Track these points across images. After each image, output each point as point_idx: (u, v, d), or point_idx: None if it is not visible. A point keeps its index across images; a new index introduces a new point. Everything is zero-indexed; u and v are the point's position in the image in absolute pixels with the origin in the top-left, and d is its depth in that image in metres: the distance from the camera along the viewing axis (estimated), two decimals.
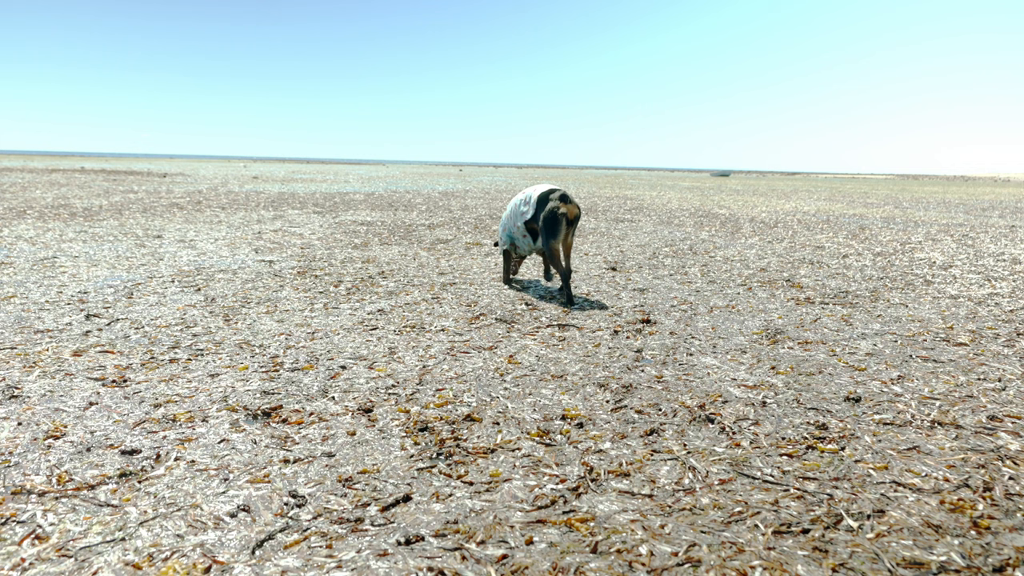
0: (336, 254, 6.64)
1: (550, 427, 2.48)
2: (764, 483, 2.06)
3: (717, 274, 6.01)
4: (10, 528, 1.74)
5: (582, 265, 6.33)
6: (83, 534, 1.72)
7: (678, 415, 2.63)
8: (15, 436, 2.30)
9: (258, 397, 2.71)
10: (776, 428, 2.51)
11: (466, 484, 2.04)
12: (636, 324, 4.09)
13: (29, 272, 5.23)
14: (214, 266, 5.75)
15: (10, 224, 8.40)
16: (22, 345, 3.33)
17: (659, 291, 5.17)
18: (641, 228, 10.10)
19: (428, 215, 11.41)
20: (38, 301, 4.27)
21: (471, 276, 5.58)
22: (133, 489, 1.96)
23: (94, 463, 2.12)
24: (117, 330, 3.65)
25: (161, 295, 4.56)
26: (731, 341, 3.75)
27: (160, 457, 2.16)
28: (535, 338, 3.72)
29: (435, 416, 2.56)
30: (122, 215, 9.96)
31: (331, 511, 1.86)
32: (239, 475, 2.06)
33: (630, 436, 2.42)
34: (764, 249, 7.90)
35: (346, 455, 2.22)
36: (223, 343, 3.46)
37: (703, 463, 2.20)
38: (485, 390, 2.86)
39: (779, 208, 15.83)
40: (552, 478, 2.08)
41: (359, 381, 2.94)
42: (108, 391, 2.74)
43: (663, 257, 7.03)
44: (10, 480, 2.00)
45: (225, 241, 7.40)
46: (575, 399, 2.78)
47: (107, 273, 5.29)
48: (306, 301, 4.49)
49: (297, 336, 3.63)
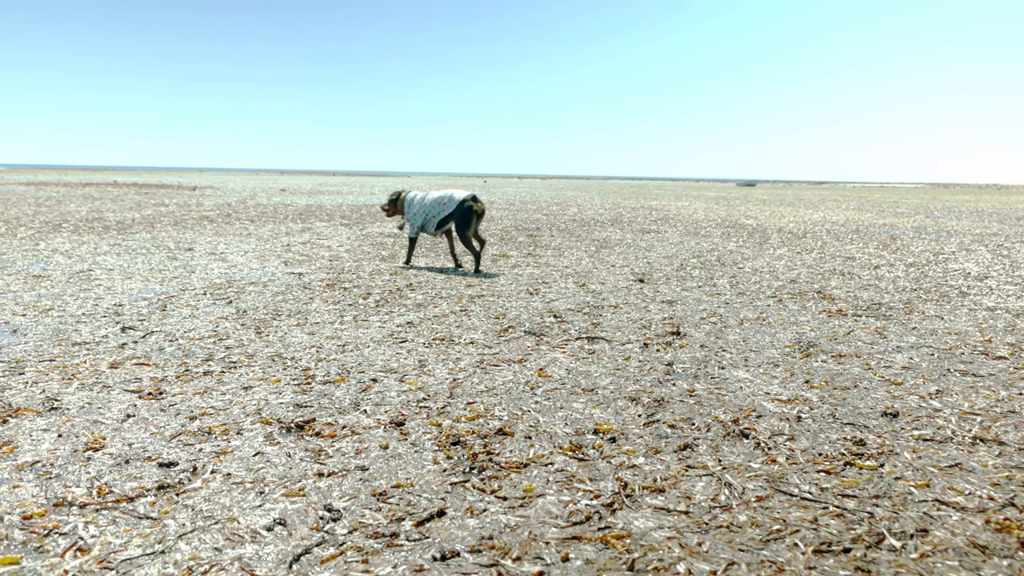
0: (364, 266, 6.69)
1: (582, 441, 2.47)
2: (802, 500, 2.03)
3: (746, 286, 5.96)
4: (53, 540, 1.77)
5: (609, 277, 6.31)
6: (124, 546, 1.74)
7: (711, 430, 2.60)
8: (56, 448, 2.34)
9: (291, 410, 2.73)
10: (812, 444, 2.47)
11: (500, 499, 2.03)
12: (666, 337, 4.06)
13: (66, 285, 5.33)
14: (245, 279, 5.82)
15: (47, 237, 8.58)
16: (60, 357, 3.39)
17: (688, 303, 5.13)
18: (667, 239, 10.05)
19: None
20: (75, 314, 4.35)
21: (498, 288, 5.59)
22: (171, 502, 1.98)
23: (133, 475, 2.14)
24: (152, 342, 3.70)
25: (194, 307, 4.62)
26: (763, 354, 3.71)
27: (197, 470, 2.19)
28: (564, 351, 3.71)
29: (467, 430, 2.56)
30: (154, 228, 10.14)
31: (366, 525, 1.86)
32: (274, 488, 2.07)
33: (664, 451, 2.39)
34: (793, 260, 7.82)
35: (379, 469, 2.22)
36: (255, 356, 3.49)
37: (739, 479, 2.17)
38: (516, 404, 2.86)
39: (807, 218, 15.67)
40: (586, 494, 2.07)
41: (390, 394, 2.95)
42: (145, 403, 2.77)
43: (691, 269, 6.99)
44: (52, 492, 2.03)
45: (255, 254, 7.50)
46: (607, 413, 2.77)
47: (141, 286, 5.38)
48: (336, 313, 4.53)
49: (328, 349, 3.65)
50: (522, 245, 8.87)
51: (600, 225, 12.52)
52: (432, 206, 6.48)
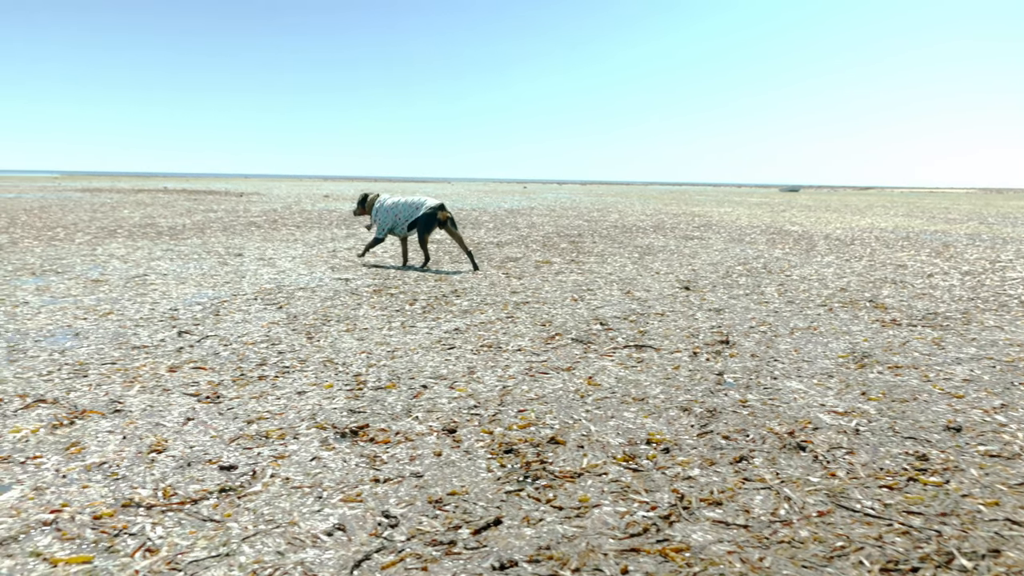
0: (409, 272, 6.75)
1: (636, 451, 2.45)
2: (865, 516, 1.99)
3: (795, 294, 5.86)
4: (123, 540, 1.82)
5: (654, 284, 6.27)
6: (190, 548, 1.78)
7: (767, 442, 2.56)
8: (121, 449, 2.41)
9: (345, 415, 2.76)
10: (873, 458, 2.41)
11: (555, 509, 2.03)
12: (715, 346, 4.02)
13: (123, 289, 5.49)
14: (293, 284, 5.92)
15: (103, 243, 8.85)
16: (121, 360, 3.49)
17: (736, 311, 5.07)
18: (711, 246, 9.94)
19: (496, 233, 11.49)
20: (133, 318, 4.48)
21: (543, 295, 5.59)
22: (233, 505, 2.02)
23: (195, 478, 2.20)
24: (207, 347, 3.79)
25: (246, 312, 4.72)
26: (816, 365, 3.64)
27: (256, 474, 2.23)
28: (612, 359, 3.69)
29: (519, 438, 2.56)
30: (204, 234, 10.38)
31: (424, 532, 1.88)
32: (332, 493, 2.10)
33: (719, 463, 2.36)
34: (842, 268, 7.66)
35: (434, 476, 2.24)
36: (307, 361, 3.55)
37: (798, 493, 2.13)
38: (567, 412, 2.85)
39: (854, 225, 15.34)
40: (642, 505, 2.05)
41: (441, 401, 2.97)
42: (203, 407, 2.84)
43: (737, 276, 6.90)
44: (119, 493, 2.09)
45: (302, 259, 7.62)
46: (659, 423, 2.74)
47: (194, 291, 5.51)
48: (383, 319, 4.58)
49: (378, 354, 3.70)
50: (565, 251, 8.86)
51: (642, 231, 12.44)
52: (403, 209, 7.05)
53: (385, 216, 7.14)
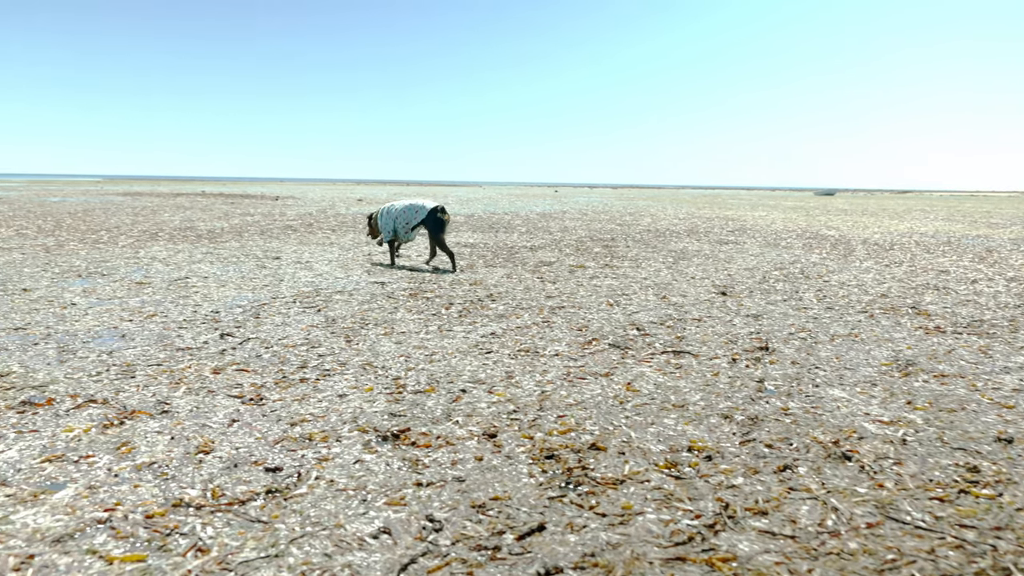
0: (444, 276, 6.79)
1: (678, 459, 2.44)
2: (916, 529, 1.95)
3: (834, 300, 5.77)
4: (174, 539, 1.86)
5: (690, 289, 6.22)
6: (239, 549, 1.81)
7: (811, 451, 2.52)
8: (170, 450, 2.46)
9: (386, 419, 2.79)
10: (921, 469, 2.37)
11: (599, 516, 2.02)
12: (754, 352, 3.97)
13: (166, 292, 5.61)
14: (330, 287, 5.99)
15: (145, 246, 9.05)
16: (167, 362, 3.56)
17: (774, 317, 5.00)
18: (747, 250, 9.83)
19: (529, 237, 11.50)
20: (176, 320, 4.57)
21: (578, 300, 5.58)
22: (280, 506, 2.05)
23: (242, 479, 2.23)
24: (249, 349, 3.85)
25: (285, 315, 4.78)
26: (859, 372, 3.58)
27: (301, 476, 2.26)
28: (650, 365, 3.67)
29: (559, 444, 2.56)
30: (242, 237, 10.55)
31: (468, 537, 1.89)
32: (376, 496, 2.12)
33: (763, 471, 2.34)
34: (882, 273, 7.52)
35: (476, 480, 2.25)
36: (347, 364, 3.59)
37: (845, 504, 2.10)
38: (606, 418, 2.85)
39: (893, 229, 15.06)
40: (686, 513, 2.04)
41: (480, 405, 2.98)
42: (247, 409, 2.89)
43: (774, 281, 6.81)
44: (169, 493, 2.13)
45: (338, 263, 7.71)
46: (700, 430, 2.72)
47: (234, 293, 5.60)
48: (420, 323, 4.61)
49: (416, 358, 3.72)
50: (598, 256, 8.84)
51: (676, 235, 12.35)
52: (399, 216, 7.46)
53: (388, 220, 7.53)
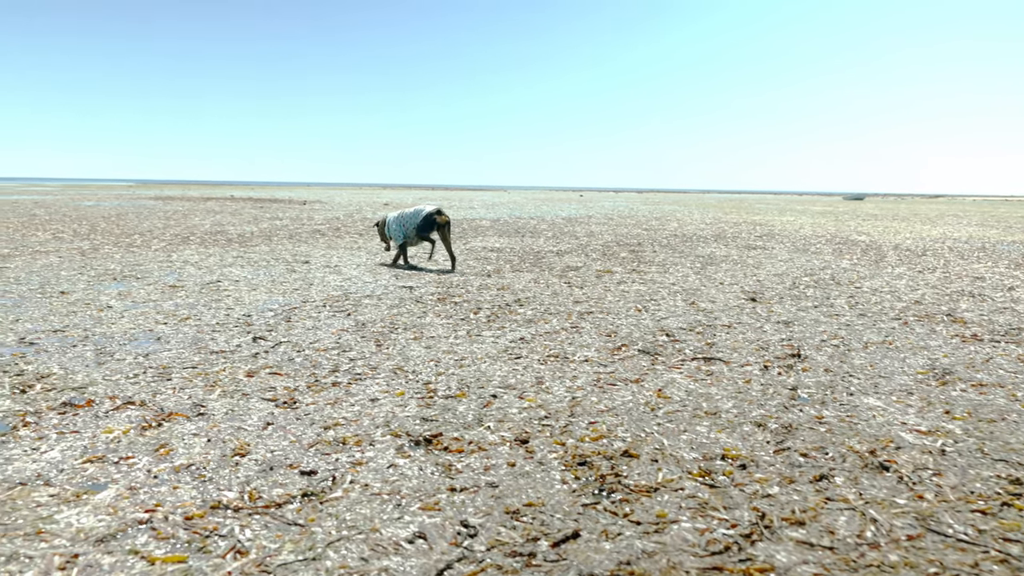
0: (471, 281, 6.81)
1: (711, 467, 2.42)
2: (958, 542, 1.91)
3: (866, 306, 5.69)
4: (214, 541, 1.88)
5: (719, 295, 6.17)
6: (277, 551, 1.83)
7: (847, 460, 2.49)
8: (206, 452, 2.50)
9: (418, 424, 2.81)
10: (962, 480, 2.33)
11: (633, 523, 2.02)
12: (786, 359, 3.93)
13: (199, 295, 5.69)
14: (359, 291, 6.04)
15: (177, 249, 9.20)
16: (201, 365, 3.62)
17: (805, 324, 4.95)
18: (776, 256, 9.74)
19: (555, 242, 11.50)
20: (210, 323, 4.64)
21: (606, 305, 5.56)
22: (316, 509, 2.07)
23: (278, 482, 2.26)
24: (281, 352, 3.90)
25: (315, 319, 4.83)
26: (894, 381, 3.53)
27: (336, 480, 2.28)
28: (681, 371, 3.65)
29: (592, 450, 2.56)
30: (271, 241, 10.68)
31: (503, 543, 1.89)
32: (411, 501, 2.13)
33: (798, 481, 2.31)
34: (915, 280, 7.40)
35: (509, 486, 2.25)
36: (378, 368, 3.61)
37: (884, 515, 2.07)
38: (638, 425, 2.83)
39: (925, 234, 14.81)
40: (722, 522, 2.02)
41: (511, 411, 2.99)
42: (281, 412, 2.92)
43: (804, 287, 6.74)
44: (208, 494, 2.17)
45: (366, 267, 7.77)
46: (733, 438, 2.70)
47: (265, 297, 5.67)
48: (449, 328, 4.63)
49: (446, 363, 3.74)
50: (625, 261, 8.81)
51: (703, 240, 12.27)
52: (406, 221, 7.88)
53: (397, 228, 7.95)
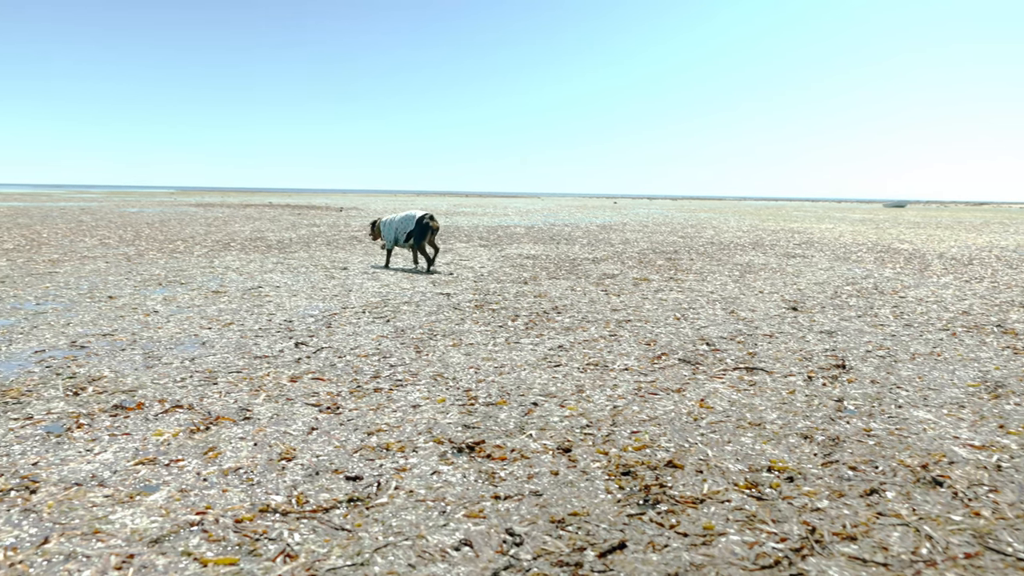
0: (508, 288, 6.82)
1: (758, 479, 2.39)
2: (1019, 561, 1.86)
3: (912, 316, 5.56)
4: (263, 544, 1.91)
5: (759, 304, 6.09)
6: (326, 556, 1.85)
7: (898, 475, 2.44)
8: (253, 455, 2.53)
9: (460, 431, 2.82)
10: (1020, 497, 2.26)
11: (680, 535, 1.99)
12: (830, 370, 3.86)
13: (241, 301, 5.79)
14: (397, 298, 6.09)
15: (219, 255, 9.37)
16: (246, 370, 3.68)
17: (849, 334, 4.86)
18: (816, 264, 9.58)
19: (591, 249, 11.47)
20: (252, 328, 4.72)
21: (644, 313, 5.53)
22: (362, 515, 2.09)
23: (324, 487, 2.28)
24: (323, 358, 3.94)
25: (355, 325, 4.88)
26: (944, 393, 3.44)
27: (381, 485, 2.30)
28: (723, 381, 3.61)
29: (635, 460, 2.54)
30: (310, 247, 10.83)
31: (549, 552, 1.89)
32: (456, 508, 2.14)
33: (848, 495, 2.27)
34: (962, 289, 7.22)
35: (553, 495, 2.25)
36: (419, 375, 3.64)
37: (940, 532, 2.02)
38: (681, 435, 2.81)
39: (971, 243, 14.45)
40: (771, 536, 1.99)
41: (553, 419, 2.98)
42: (325, 417, 2.96)
43: (846, 296, 6.62)
44: (256, 498, 2.20)
45: (403, 273, 7.83)
46: (779, 450, 2.66)
47: (306, 303, 5.75)
48: (488, 335, 4.64)
49: (485, 370, 3.75)
50: (662, 268, 8.74)
51: (740, 248, 12.13)
52: (398, 225, 8.33)
53: (388, 229, 8.45)
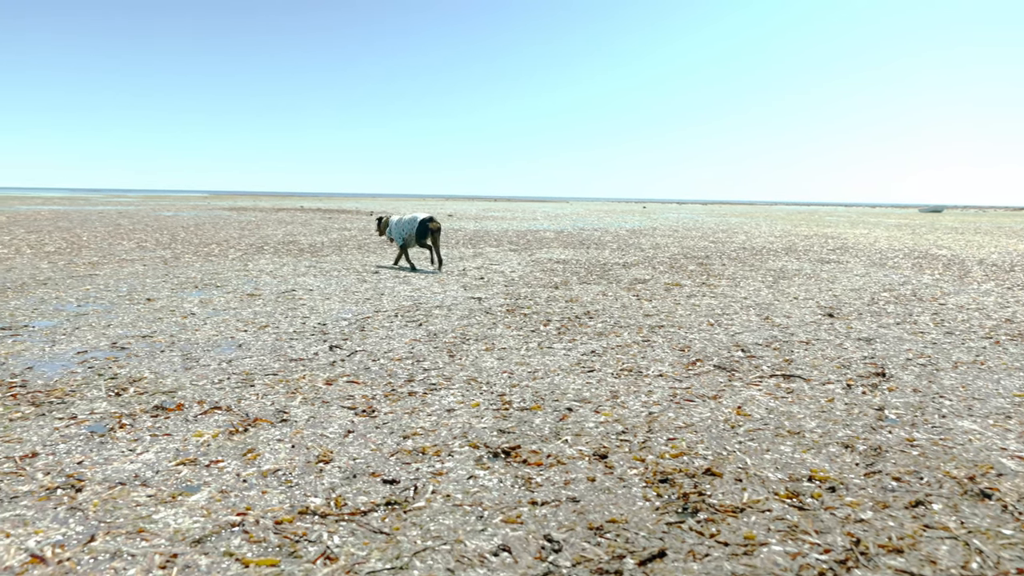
0: (539, 293, 6.81)
1: (798, 488, 2.35)
2: None
3: (953, 324, 5.44)
4: (303, 546, 1.92)
5: (794, 310, 6.00)
6: (366, 559, 1.86)
7: (944, 486, 2.38)
8: (292, 458, 2.55)
9: (495, 435, 2.81)
10: None
11: (720, 544, 1.97)
12: (870, 378, 3.79)
13: (275, 304, 5.86)
14: (429, 302, 6.11)
15: (253, 259, 9.50)
16: (282, 372, 3.72)
17: (888, 341, 4.77)
18: (851, 270, 9.43)
19: (621, 253, 11.42)
20: (287, 331, 4.77)
21: (677, 319, 5.48)
22: (400, 519, 2.09)
23: (362, 489, 2.29)
24: (357, 361, 3.97)
25: (388, 329, 4.91)
26: (989, 403, 3.36)
27: (418, 489, 2.30)
28: (760, 388, 3.56)
29: (672, 468, 2.51)
30: (341, 251, 10.93)
31: (588, 560, 1.87)
32: (493, 513, 2.14)
33: (893, 506, 2.22)
34: (1004, 296, 7.05)
35: (591, 502, 2.23)
36: (452, 379, 3.64)
37: (990, 546, 1.97)
38: (718, 442, 2.77)
39: (1012, 249, 14.12)
40: (814, 547, 1.96)
41: (588, 424, 2.96)
42: (361, 420, 2.97)
43: (884, 303, 6.50)
44: (295, 500, 2.21)
45: (434, 277, 7.87)
46: (819, 459, 2.61)
47: (339, 306, 5.80)
48: (520, 339, 4.63)
49: (519, 375, 3.74)
50: (694, 274, 8.67)
51: (773, 253, 11.98)
52: (404, 227, 8.84)
53: (398, 230, 8.92)
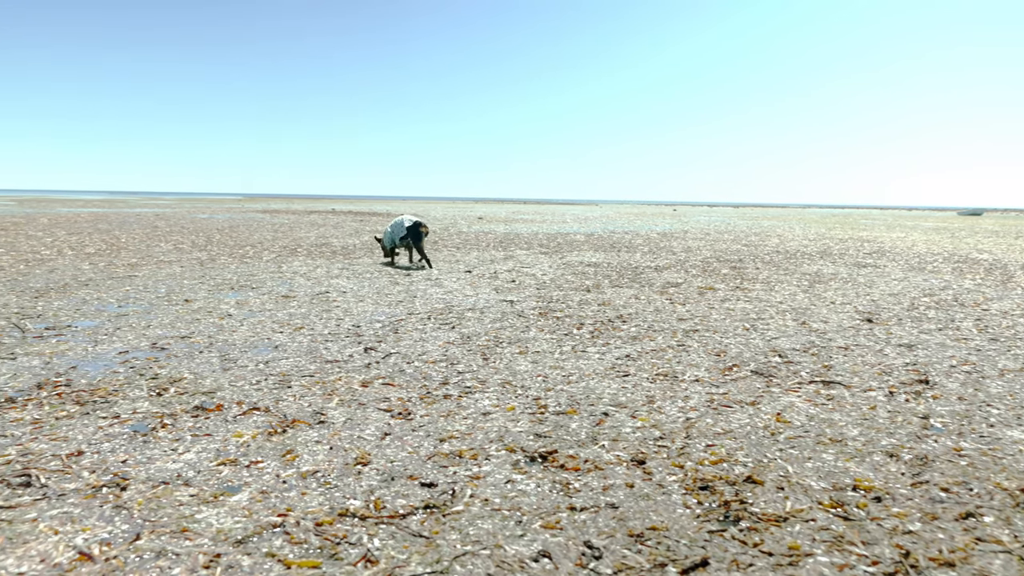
0: (571, 296, 6.78)
1: (843, 498, 2.30)
2: None
3: (997, 330, 5.30)
4: (344, 549, 1.93)
5: (831, 315, 5.90)
6: (406, 562, 1.86)
7: (995, 498, 2.31)
8: (330, 459, 2.57)
9: (532, 439, 2.80)
10: None
11: (764, 554, 1.93)
12: (912, 385, 3.71)
13: (310, 305, 5.92)
14: (461, 304, 6.12)
15: (287, 261, 9.62)
16: (318, 374, 3.74)
17: (930, 348, 4.66)
18: (889, 274, 9.24)
19: (652, 257, 11.33)
20: (322, 333, 4.81)
21: (712, 323, 5.42)
22: (439, 522, 2.09)
23: (400, 492, 2.30)
24: (392, 363, 3.99)
25: (422, 331, 4.93)
26: None
27: (456, 493, 2.30)
28: (799, 395, 3.50)
29: (712, 475, 2.48)
30: (374, 253, 11.01)
31: (629, 567, 1.85)
32: (532, 519, 2.12)
33: (942, 518, 2.16)
34: None
35: (630, 508, 2.21)
36: (487, 382, 3.64)
37: None
38: (758, 450, 2.73)
39: None
40: (862, 558, 1.91)
41: (625, 430, 2.94)
42: (397, 423, 2.98)
43: (924, 308, 6.35)
44: (334, 502, 2.22)
45: (466, 280, 7.88)
46: (863, 468, 2.56)
47: (372, 308, 5.83)
48: (553, 343, 4.61)
49: (554, 379, 3.72)
50: (727, 278, 8.57)
51: (808, 257, 11.80)
52: (393, 230, 9.54)
53: (388, 236, 9.62)
